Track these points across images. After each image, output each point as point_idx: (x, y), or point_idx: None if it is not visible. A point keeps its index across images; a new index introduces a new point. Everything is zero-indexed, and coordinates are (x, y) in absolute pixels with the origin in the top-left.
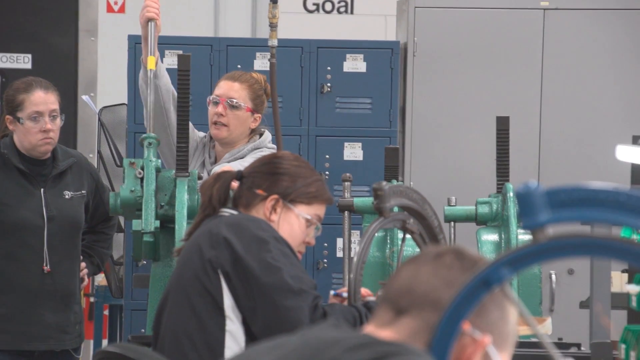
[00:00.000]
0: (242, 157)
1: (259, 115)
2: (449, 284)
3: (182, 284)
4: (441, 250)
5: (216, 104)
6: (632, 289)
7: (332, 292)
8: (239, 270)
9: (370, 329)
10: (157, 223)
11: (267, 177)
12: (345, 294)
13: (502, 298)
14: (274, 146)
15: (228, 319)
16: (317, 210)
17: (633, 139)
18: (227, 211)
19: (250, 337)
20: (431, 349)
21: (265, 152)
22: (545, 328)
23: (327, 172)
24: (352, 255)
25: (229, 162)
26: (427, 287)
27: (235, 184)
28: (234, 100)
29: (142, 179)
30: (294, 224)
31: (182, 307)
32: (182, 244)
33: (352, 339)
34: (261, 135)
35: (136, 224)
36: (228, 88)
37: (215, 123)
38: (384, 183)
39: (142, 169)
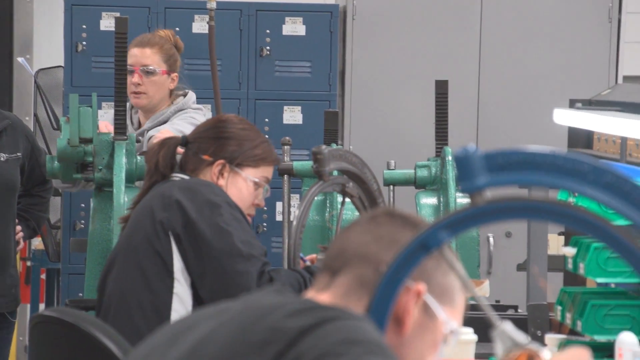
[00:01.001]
0: (165, 122)
1: (176, 74)
2: (379, 238)
3: (132, 246)
4: (374, 212)
5: (131, 73)
6: (569, 251)
7: (301, 255)
8: (190, 233)
9: (311, 294)
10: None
11: (213, 142)
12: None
13: (438, 253)
14: (200, 107)
15: (176, 282)
16: (264, 172)
17: (570, 103)
18: (178, 176)
19: (198, 300)
20: (370, 312)
21: (190, 113)
22: (483, 290)
23: (266, 136)
24: (291, 219)
25: (150, 128)
26: (357, 244)
27: (181, 150)
28: (149, 67)
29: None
30: (242, 187)
31: (130, 269)
32: (127, 212)
33: (293, 305)
34: (185, 96)
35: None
36: (140, 55)
37: (133, 92)
38: (324, 147)
39: None
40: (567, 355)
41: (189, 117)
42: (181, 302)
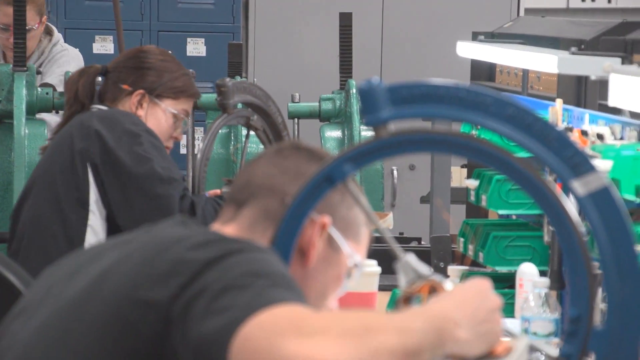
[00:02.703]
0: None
1: (45, 17)
2: (285, 170)
3: (49, 175)
4: (280, 146)
5: (6, 31)
6: (471, 183)
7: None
8: (109, 162)
9: (216, 226)
10: None
11: (133, 72)
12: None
13: (342, 186)
14: (66, 46)
15: (91, 213)
16: (184, 105)
17: (473, 35)
18: (97, 107)
19: (112, 234)
20: (275, 244)
21: (59, 59)
22: (387, 223)
23: (191, 70)
24: (195, 152)
25: None
26: (263, 176)
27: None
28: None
29: None
30: (161, 119)
31: (46, 199)
32: (47, 142)
33: (197, 237)
34: (50, 34)
35: None
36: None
37: (11, 48)
38: (227, 79)
39: None
40: (468, 286)
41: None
42: (95, 234)
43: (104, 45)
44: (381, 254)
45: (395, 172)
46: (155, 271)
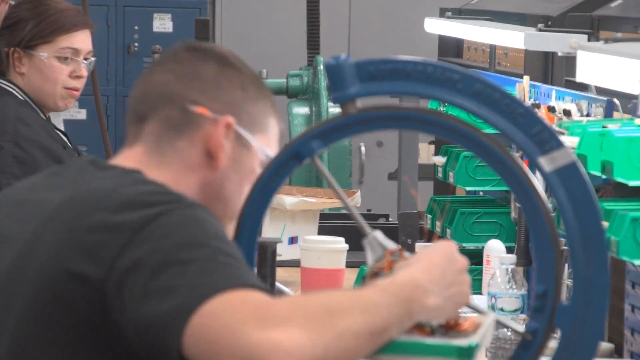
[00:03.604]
0: None
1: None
2: (181, 76)
3: None
4: (174, 49)
5: None
6: (439, 160)
7: None
8: None
9: (125, 151)
10: None
11: (5, 32)
12: None
13: (239, 78)
14: None
15: None
16: (64, 43)
17: (440, 12)
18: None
19: None
20: (242, 222)
21: None
22: (355, 200)
23: (136, 44)
24: None
25: None
26: (159, 85)
27: None
28: None
29: None
30: (43, 68)
31: None
32: None
33: (117, 193)
34: None
35: None
36: None
37: None
38: None
39: None
40: (434, 249)
41: None
42: None
43: None
44: (349, 230)
45: (363, 149)
46: (81, 241)
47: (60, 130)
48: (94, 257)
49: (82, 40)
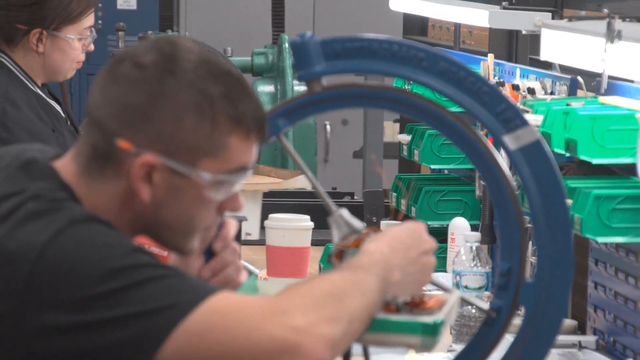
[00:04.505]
0: None
1: None
2: (111, 102)
3: None
4: (124, 57)
5: None
6: (404, 138)
7: None
8: None
9: (72, 153)
10: None
11: (25, 9)
12: None
13: (172, 108)
14: None
15: None
16: (86, 23)
17: None
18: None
19: None
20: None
21: None
22: (299, 183)
23: (99, 22)
24: None
25: None
26: (92, 106)
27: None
28: None
29: None
30: (66, 48)
31: None
32: None
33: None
34: None
35: None
36: None
37: None
38: (150, 32)
39: None
40: (404, 225)
41: None
42: None
43: None
44: (314, 208)
45: (328, 127)
46: None
47: (55, 99)
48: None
49: (93, 16)
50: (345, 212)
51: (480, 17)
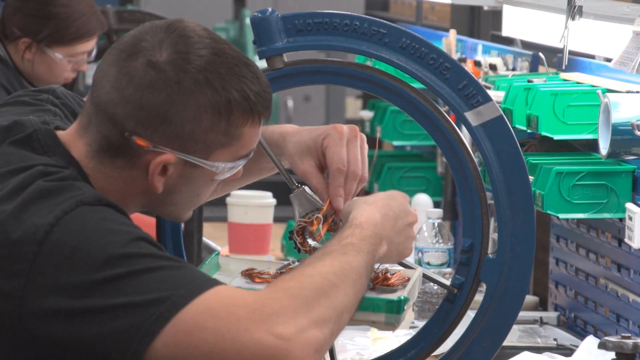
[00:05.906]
0: None
1: None
2: (127, 101)
3: None
4: (136, 49)
5: None
6: (366, 114)
7: None
8: None
9: (74, 126)
10: None
11: (27, 18)
12: None
13: (193, 107)
14: None
15: None
16: (82, 49)
17: None
18: None
19: None
20: None
21: None
22: None
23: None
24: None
25: None
26: (106, 97)
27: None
28: None
29: None
30: (51, 64)
31: None
32: None
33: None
34: None
35: None
36: None
37: None
38: (109, 6)
39: None
40: (392, 194)
41: None
42: None
43: None
44: (276, 185)
45: (290, 103)
46: None
47: None
48: (6, 274)
49: (93, 42)
50: (306, 189)
51: None
